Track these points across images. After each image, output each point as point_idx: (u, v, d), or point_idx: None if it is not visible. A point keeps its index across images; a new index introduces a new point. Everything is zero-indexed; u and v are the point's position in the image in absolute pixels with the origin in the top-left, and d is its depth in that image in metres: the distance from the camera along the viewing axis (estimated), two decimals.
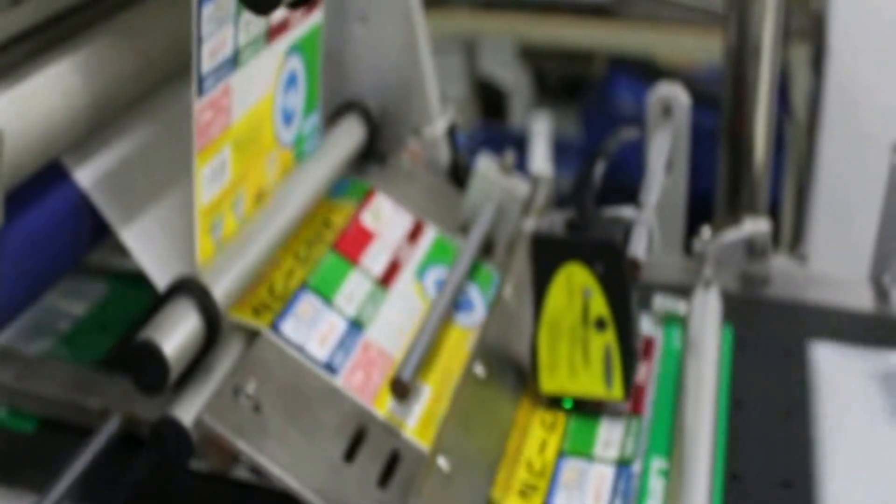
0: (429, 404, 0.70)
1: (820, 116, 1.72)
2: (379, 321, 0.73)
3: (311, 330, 0.69)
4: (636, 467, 0.68)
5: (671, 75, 1.91)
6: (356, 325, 0.72)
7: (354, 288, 0.74)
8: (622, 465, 0.68)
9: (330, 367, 0.68)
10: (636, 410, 0.73)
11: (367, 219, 0.80)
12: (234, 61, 0.66)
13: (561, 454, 0.69)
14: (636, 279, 0.69)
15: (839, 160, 1.69)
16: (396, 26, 0.88)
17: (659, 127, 0.88)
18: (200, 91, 0.63)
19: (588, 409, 0.73)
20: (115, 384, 0.71)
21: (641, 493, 0.66)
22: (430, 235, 0.83)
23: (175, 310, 0.63)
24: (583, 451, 0.70)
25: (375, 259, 0.77)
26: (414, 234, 0.82)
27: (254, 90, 0.70)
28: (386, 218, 0.81)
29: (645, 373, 0.76)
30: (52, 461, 0.67)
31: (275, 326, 0.67)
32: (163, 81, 0.76)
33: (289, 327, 0.68)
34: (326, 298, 0.72)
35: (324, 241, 0.76)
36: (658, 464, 0.69)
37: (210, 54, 0.63)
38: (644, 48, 2.04)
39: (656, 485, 0.67)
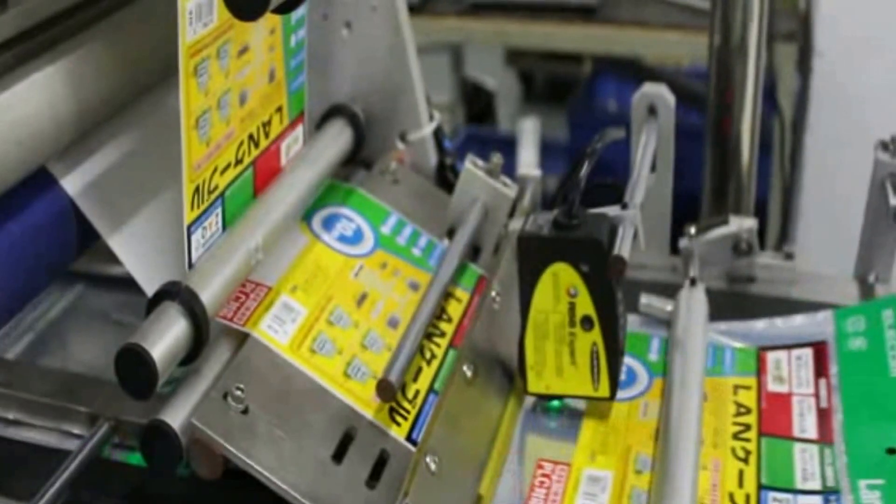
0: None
1: (806, 115, 1.73)
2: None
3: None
4: (845, 496, 0.65)
5: (657, 75, 1.92)
6: None
7: None
8: (828, 493, 0.66)
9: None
10: (826, 439, 0.71)
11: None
12: None
13: (762, 487, 0.67)
14: (621, 277, 0.69)
15: (825, 158, 1.70)
16: (382, 31, 0.89)
17: (644, 126, 0.89)
18: None
19: None
20: (104, 389, 0.72)
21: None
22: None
23: (163, 315, 0.63)
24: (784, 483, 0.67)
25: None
26: None
27: None
28: None
29: (827, 391, 0.74)
30: (42, 467, 0.67)
31: (410, 437, 0.68)
32: (148, 87, 0.76)
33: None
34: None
35: (445, 336, 0.75)
36: (866, 483, 0.66)
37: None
38: (630, 49, 2.04)
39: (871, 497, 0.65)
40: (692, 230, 0.88)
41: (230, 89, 0.68)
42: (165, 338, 0.62)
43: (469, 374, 0.69)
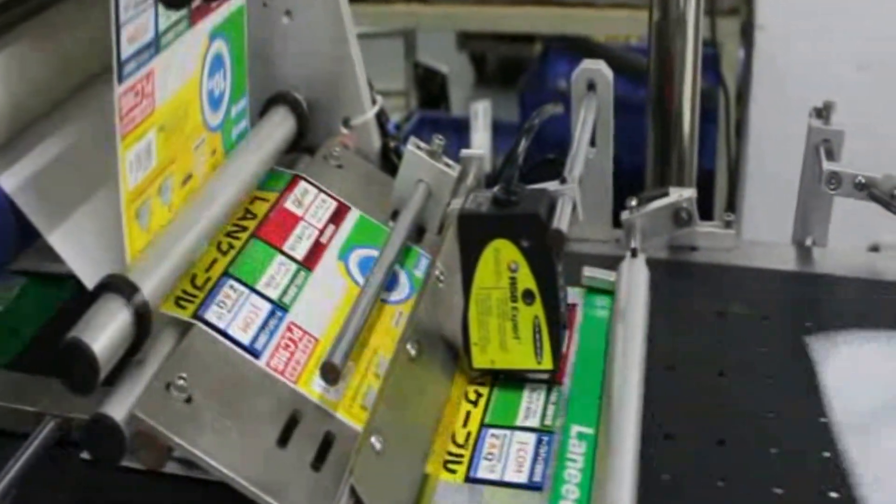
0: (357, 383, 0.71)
1: (749, 88, 1.75)
2: (302, 302, 0.74)
3: (234, 315, 0.69)
4: (557, 434, 0.70)
5: (606, 53, 1.93)
6: (280, 308, 0.72)
7: (277, 272, 0.75)
8: (543, 432, 0.70)
9: (252, 350, 0.68)
10: (558, 380, 0.74)
11: (291, 205, 0.81)
12: (155, 45, 0.66)
13: (483, 425, 0.71)
14: (561, 251, 0.70)
15: (768, 129, 1.72)
16: (323, 18, 0.89)
17: (583, 101, 0.89)
18: (121, 77, 0.62)
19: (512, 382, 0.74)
20: (48, 387, 0.71)
21: (561, 457, 0.68)
22: (353, 216, 0.83)
23: (103, 308, 0.63)
24: (505, 422, 0.71)
25: (298, 242, 0.78)
26: (337, 216, 0.83)
27: (178, 74, 0.70)
28: (308, 203, 0.82)
29: (566, 343, 0.77)
30: None
31: (197, 315, 0.68)
32: (85, 82, 0.75)
33: (212, 315, 0.68)
34: (249, 284, 0.72)
35: (246, 230, 0.76)
36: (578, 429, 0.70)
37: (130, 39, 0.63)
38: (580, 28, 2.05)
39: (577, 448, 0.68)
40: (633, 202, 0.89)
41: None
42: (106, 331, 0.62)
43: (413, 352, 0.69)
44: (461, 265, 0.72)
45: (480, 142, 2.01)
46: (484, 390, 0.74)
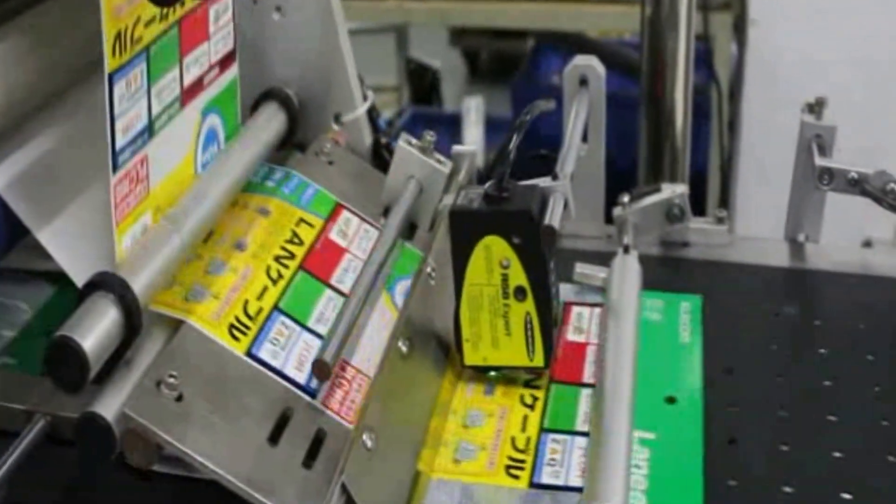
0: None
1: (742, 83, 1.75)
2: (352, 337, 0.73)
3: (287, 354, 0.69)
4: None
5: (598, 48, 1.93)
6: None
7: (325, 307, 0.74)
8: None
9: (308, 390, 0.68)
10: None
11: (336, 236, 0.80)
12: (148, 131, 0.66)
13: (543, 430, 0.69)
14: (553, 247, 0.70)
15: (761, 125, 1.72)
16: (314, 14, 0.88)
17: (575, 97, 0.89)
18: (115, 166, 0.63)
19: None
20: (39, 385, 0.71)
21: None
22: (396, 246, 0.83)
23: (93, 306, 0.63)
24: (564, 426, 0.70)
25: (345, 275, 0.78)
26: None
27: (172, 155, 0.70)
28: (352, 233, 0.82)
29: None
30: None
31: (251, 353, 0.68)
32: (74, 80, 0.75)
33: (266, 353, 0.68)
34: (300, 321, 0.72)
35: (294, 257, 0.76)
36: (639, 435, 0.68)
37: (124, 130, 0.64)
38: (572, 24, 2.05)
39: (640, 455, 0.67)
40: (625, 199, 0.88)
41: None
42: (96, 329, 0.61)
43: (405, 349, 0.69)
44: (453, 262, 0.72)
45: (473, 137, 2.01)
46: (539, 394, 0.73)
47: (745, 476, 0.66)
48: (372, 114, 0.94)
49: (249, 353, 0.67)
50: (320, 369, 0.65)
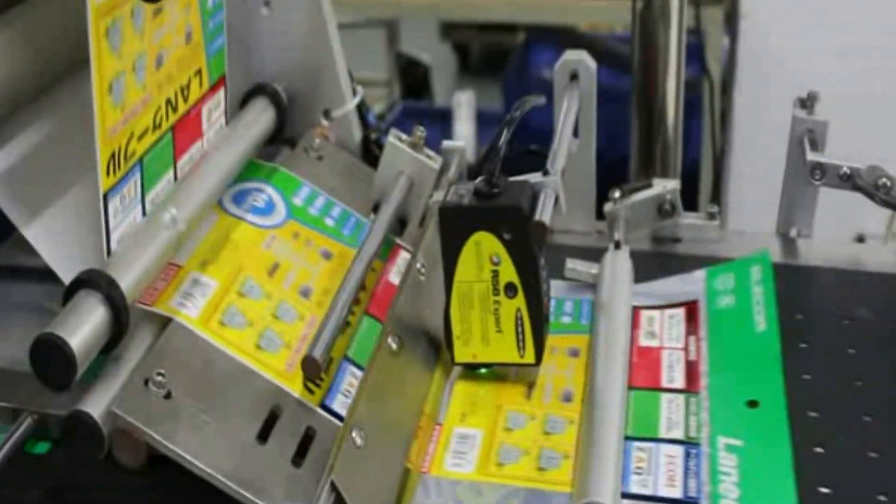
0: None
1: (734, 77, 1.75)
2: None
3: None
4: (703, 446, 0.67)
5: (589, 42, 1.93)
6: None
7: None
8: (689, 444, 0.67)
9: None
10: (693, 388, 0.72)
11: (394, 277, 0.80)
12: None
13: (626, 437, 0.67)
14: (543, 243, 0.69)
15: (753, 119, 1.72)
16: (302, 8, 0.88)
17: (566, 92, 0.89)
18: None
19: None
20: (25, 383, 0.70)
21: (713, 471, 0.65)
22: None
23: (80, 303, 0.62)
24: (648, 433, 0.68)
25: None
26: None
27: None
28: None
29: (696, 346, 0.75)
30: None
31: (325, 405, 0.68)
32: (61, 75, 0.75)
33: (339, 405, 0.68)
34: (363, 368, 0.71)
35: (359, 303, 0.75)
36: (726, 441, 0.67)
37: (118, 241, 0.66)
38: (563, 18, 2.05)
39: (728, 461, 0.66)
40: (616, 194, 0.88)
41: (145, 52, 0.66)
42: (83, 326, 0.61)
43: (394, 346, 0.69)
44: (443, 258, 0.71)
45: (463, 132, 2.00)
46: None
47: (837, 483, 0.65)
48: (361, 109, 0.94)
49: (323, 405, 0.67)
50: (310, 366, 0.65)
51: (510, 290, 0.70)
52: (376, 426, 0.63)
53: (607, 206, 0.88)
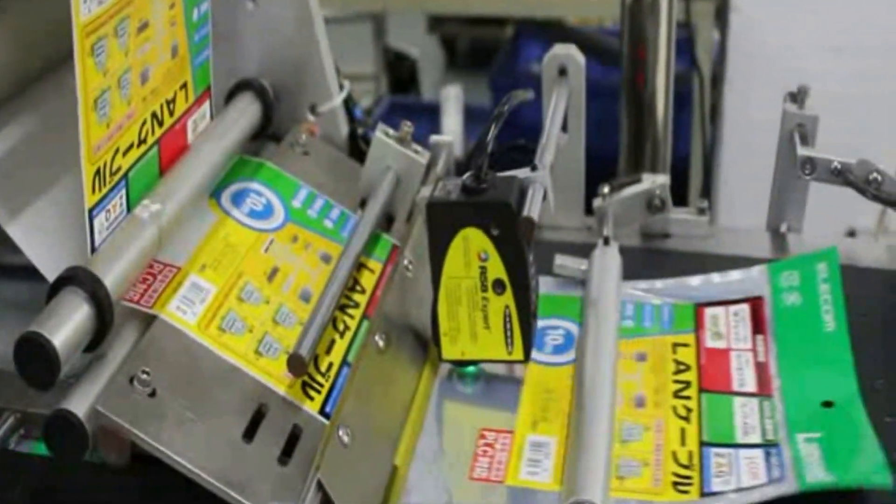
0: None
1: (724, 71, 1.75)
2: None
3: None
4: (784, 448, 0.65)
5: (578, 36, 1.92)
6: None
7: None
8: (768, 446, 0.66)
9: None
10: (765, 391, 0.71)
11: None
12: None
13: (703, 444, 0.67)
14: (531, 239, 0.69)
15: (743, 113, 1.72)
16: (288, 3, 0.87)
17: (555, 87, 0.88)
18: None
19: None
20: (8, 382, 0.70)
21: (797, 458, 0.64)
22: None
23: (63, 301, 0.62)
24: (725, 439, 0.67)
25: None
26: None
27: None
28: None
29: (764, 346, 0.75)
30: None
31: (323, 410, 0.67)
32: (45, 71, 0.74)
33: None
34: None
35: (358, 306, 0.75)
36: (805, 437, 0.66)
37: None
38: (552, 11, 2.04)
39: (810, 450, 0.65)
40: (606, 189, 0.88)
41: (130, 68, 0.66)
42: (67, 325, 0.60)
43: (381, 344, 0.68)
44: (430, 254, 0.70)
45: (451, 127, 2.00)
46: (692, 405, 0.70)
47: None
48: (348, 103, 0.93)
49: (322, 411, 0.67)
50: (295, 364, 0.64)
51: (498, 286, 0.70)
52: (363, 424, 0.63)
53: (596, 202, 0.88)
